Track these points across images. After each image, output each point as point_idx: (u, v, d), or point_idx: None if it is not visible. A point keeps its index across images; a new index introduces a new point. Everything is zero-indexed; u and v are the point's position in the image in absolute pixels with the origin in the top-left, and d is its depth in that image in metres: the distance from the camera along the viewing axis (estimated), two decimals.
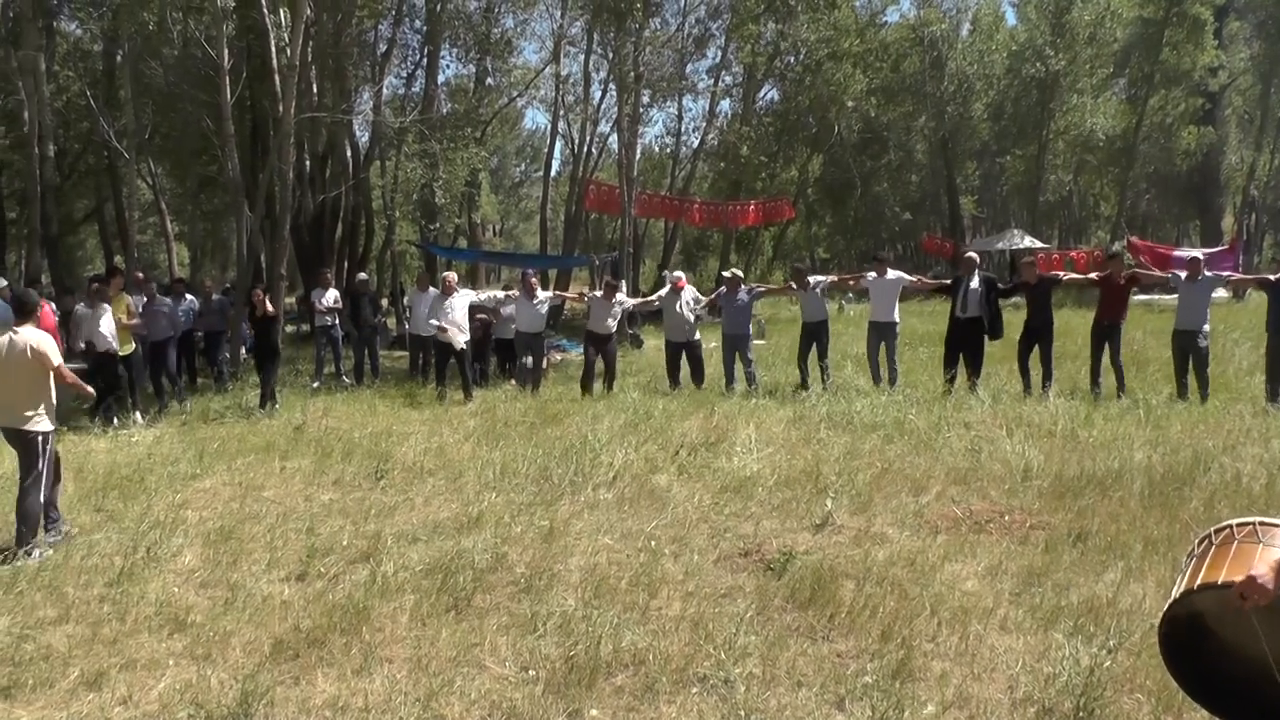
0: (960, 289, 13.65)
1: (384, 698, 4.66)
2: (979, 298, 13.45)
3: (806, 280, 14.92)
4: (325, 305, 17.29)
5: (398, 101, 31.66)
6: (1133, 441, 9.27)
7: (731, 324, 14.80)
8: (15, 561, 6.83)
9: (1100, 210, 60.18)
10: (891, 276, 14.52)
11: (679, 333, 14.69)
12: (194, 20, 22.13)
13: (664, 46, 33.87)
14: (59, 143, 26.30)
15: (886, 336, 14.29)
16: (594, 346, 15.02)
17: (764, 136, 38.78)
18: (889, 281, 14.44)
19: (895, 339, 14.40)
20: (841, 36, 36.32)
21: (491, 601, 5.88)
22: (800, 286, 14.88)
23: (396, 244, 33.35)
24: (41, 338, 7.44)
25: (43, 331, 7.60)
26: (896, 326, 14.47)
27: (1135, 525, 6.76)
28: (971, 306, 13.48)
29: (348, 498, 8.55)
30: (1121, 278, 13.22)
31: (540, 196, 45.56)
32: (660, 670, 4.82)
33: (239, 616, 5.67)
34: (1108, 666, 4.60)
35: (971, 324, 13.50)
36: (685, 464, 9.15)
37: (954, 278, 14.34)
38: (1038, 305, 13.45)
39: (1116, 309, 13.12)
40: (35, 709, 4.70)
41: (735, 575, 6.22)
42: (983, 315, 13.45)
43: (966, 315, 13.53)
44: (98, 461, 10.37)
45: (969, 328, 13.53)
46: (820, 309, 14.78)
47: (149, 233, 47.86)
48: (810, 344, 14.64)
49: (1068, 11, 40.31)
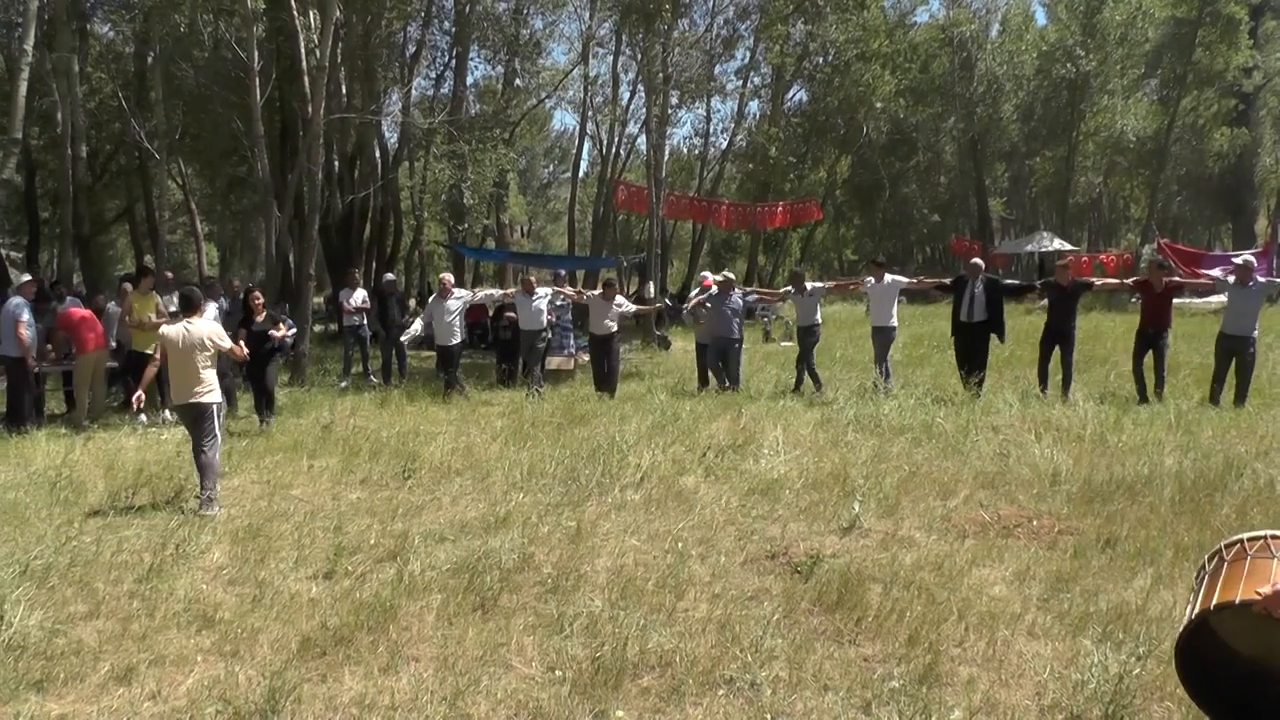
0: (964, 294, 13.66)
1: (411, 696, 4.67)
2: (983, 302, 13.44)
3: (804, 285, 14.99)
4: (353, 305, 17.36)
5: (426, 103, 31.81)
6: (1163, 446, 9.20)
7: (724, 327, 14.73)
8: (202, 511, 8.14)
9: (1130, 213, 59.82)
10: (888, 280, 14.60)
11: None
12: (224, 22, 22.29)
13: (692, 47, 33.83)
14: (91, 143, 26.50)
15: (884, 339, 14.40)
16: (595, 348, 15.08)
17: (792, 138, 38.73)
18: (886, 286, 14.53)
19: (891, 342, 14.53)
20: (870, 37, 36.24)
21: (518, 601, 5.88)
22: (798, 291, 14.94)
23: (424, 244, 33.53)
24: (213, 327, 9.15)
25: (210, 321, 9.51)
26: (894, 330, 14.62)
27: (1165, 531, 6.70)
28: (977, 311, 13.48)
29: (375, 497, 8.58)
30: (1161, 285, 13.08)
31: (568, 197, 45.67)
32: (687, 672, 4.81)
33: (267, 614, 5.69)
34: (1137, 674, 4.57)
35: (977, 328, 13.50)
36: (713, 466, 9.14)
37: (955, 278, 14.32)
38: (1065, 309, 13.38)
39: (1161, 317, 12.97)
40: (66, 702, 4.74)
41: (762, 578, 6.20)
42: (988, 319, 13.43)
43: (973, 320, 13.52)
44: (128, 459, 10.44)
45: (975, 332, 13.52)
46: (813, 314, 14.83)
47: (179, 232, 48.16)
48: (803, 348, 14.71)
49: (1099, 11, 40.06)
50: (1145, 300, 13.34)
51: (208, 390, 8.81)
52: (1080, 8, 40.93)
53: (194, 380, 8.76)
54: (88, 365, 13.16)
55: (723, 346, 14.68)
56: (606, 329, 14.87)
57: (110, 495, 8.73)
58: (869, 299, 14.84)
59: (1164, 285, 13.12)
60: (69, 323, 13.28)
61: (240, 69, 19.10)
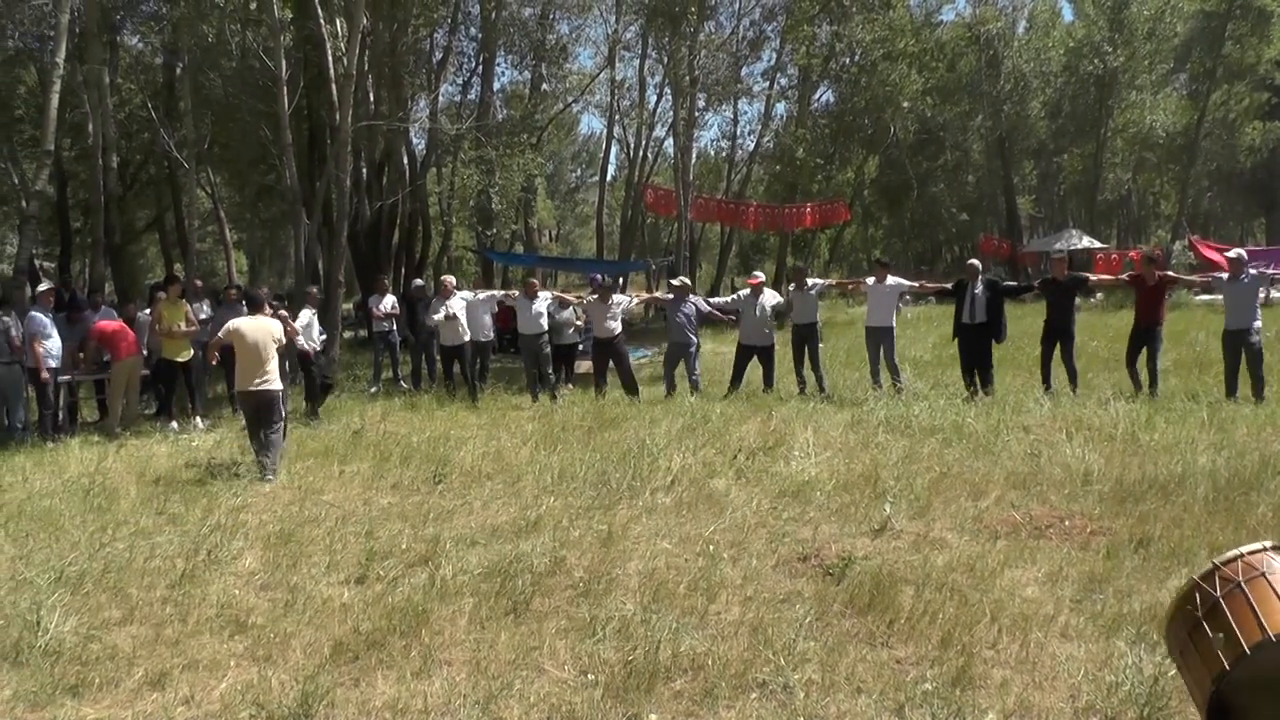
0: (965, 296, 13.66)
1: (443, 700, 4.67)
2: (984, 303, 13.40)
3: (805, 281, 14.99)
4: (383, 312, 17.45)
5: (454, 109, 31.87)
6: (1196, 445, 9.10)
7: (679, 332, 14.78)
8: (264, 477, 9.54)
9: (1160, 209, 59.40)
10: (890, 283, 14.58)
11: (757, 336, 14.66)
12: (252, 32, 22.40)
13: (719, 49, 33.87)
14: (121, 154, 26.71)
15: (883, 341, 14.36)
16: (599, 351, 15.12)
17: (819, 138, 38.56)
18: (888, 287, 14.54)
19: (893, 343, 14.48)
20: (897, 36, 36.01)
21: (550, 605, 5.87)
22: (798, 287, 14.92)
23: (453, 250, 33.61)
24: (274, 322, 10.43)
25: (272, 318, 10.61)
26: (893, 331, 14.56)
27: (1200, 531, 6.63)
28: (979, 313, 13.45)
29: (406, 501, 8.60)
30: (1154, 279, 13.10)
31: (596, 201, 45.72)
32: (719, 675, 4.80)
33: (299, 618, 5.71)
34: (1172, 676, 4.51)
35: (980, 330, 13.48)
36: (743, 468, 9.11)
37: (956, 281, 14.29)
38: (1063, 306, 13.45)
39: (1153, 312, 13.02)
40: (101, 707, 4.77)
41: (794, 580, 6.18)
42: (989, 320, 13.39)
43: (975, 322, 13.48)
44: (159, 465, 10.52)
45: (978, 333, 13.49)
46: (812, 311, 14.77)
47: (208, 241, 48.51)
48: (801, 347, 14.66)
49: (1126, 6, 39.74)
50: (1138, 296, 13.37)
51: (273, 379, 10.06)
52: (1107, 3, 40.59)
53: (260, 370, 9.98)
54: (121, 373, 13.26)
55: (679, 353, 14.79)
56: (609, 331, 14.89)
57: (141, 501, 8.79)
58: (868, 299, 14.77)
59: (1156, 279, 13.12)
60: (101, 334, 13.38)
61: (268, 78, 19.22)
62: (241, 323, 10.20)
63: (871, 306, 14.66)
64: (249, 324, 10.15)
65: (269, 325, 10.27)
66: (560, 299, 16.60)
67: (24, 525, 8.03)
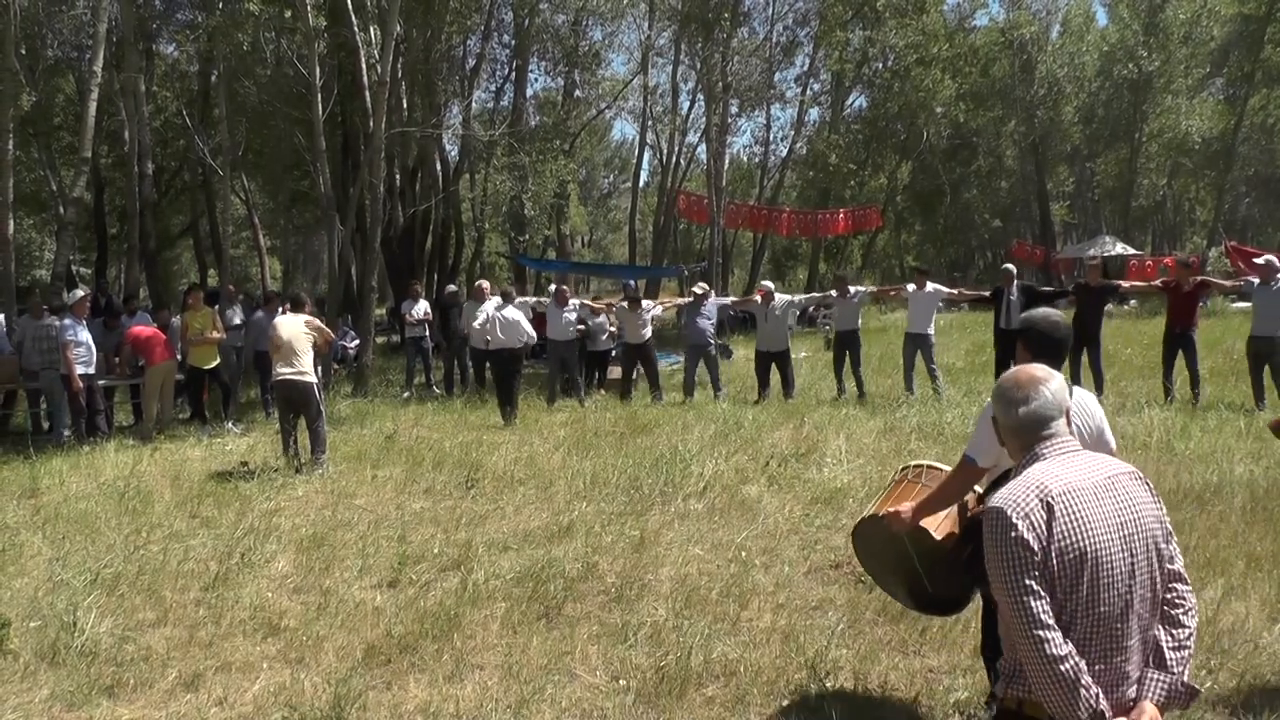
0: (1002, 301, 13.68)
1: (475, 704, 4.67)
2: (1020, 308, 13.32)
3: (847, 289, 15.00)
4: (415, 317, 17.49)
5: (487, 115, 32.01)
6: (1233, 454, 8.99)
7: (698, 335, 15.01)
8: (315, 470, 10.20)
9: (1196, 215, 58.78)
10: (930, 289, 14.62)
11: (769, 341, 14.71)
12: (286, 40, 22.56)
13: (752, 55, 33.84)
14: (157, 161, 26.94)
15: (922, 347, 14.37)
16: (629, 356, 15.39)
17: (852, 144, 38.52)
18: (927, 294, 14.55)
19: (931, 349, 14.47)
20: (930, 42, 35.93)
21: (582, 610, 5.87)
22: (841, 295, 14.96)
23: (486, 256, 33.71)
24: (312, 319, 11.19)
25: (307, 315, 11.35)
26: (932, 337, 14.54)
27: (1236, 541, 6.55)
28: (1016, 318, 13.34)
29: (439, 506, 8.61)
30: (1188, 285, 12.94)
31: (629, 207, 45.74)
32: (751, 682, 4.78)
33: (331, 622, 5.73)
34: (1209, 687, 4.45)
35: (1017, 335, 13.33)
36: (776, 475, 9.08)
37: (994, 289, 14.21)
38: (1093, 312, 13.39)
39: (1187, 317, 12.84)
40: (136, 708, 4.80)
41: (826, 587, 6.15)
42: None
43: (1011, 327, 13.39)
44: (193, 469, 10.59)
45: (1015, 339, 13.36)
46: (854, 319, 14.86)
47: (242, 247, 48.89)
48: (843, 353, 14.74)
49: (1161, 10, 39.43)
50: (1172, 300, 13.20)
51: (305, 370, 10.63)
52: (1142, 7, 40.34)
53: (292, 360, 10.60)
54: (156, 377, 13.35)
55: (697, 354, 15.05)
56: (641, 337, 15.12)
57: (176, 504, 8.84)
58: (909, 305, 14.76)
59: (1191, 285, 12.97)
60: (136, 339, 13.49)
61: (302, 85, 19.32)
62: (280, 320, 11.20)
63: (912, 313, 14.67)
64: (285, 320, 11.08)
65: (304, 320, 11.02)
66: (591, 308, 16.60)
67: (61, 527, 8.10)
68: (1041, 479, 2.69)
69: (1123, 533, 2.67)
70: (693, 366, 15.08)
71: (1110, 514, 2.67)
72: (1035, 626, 2.55)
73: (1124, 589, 2.64)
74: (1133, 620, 2.67)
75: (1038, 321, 4.17)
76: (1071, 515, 2.62)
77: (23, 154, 25.83)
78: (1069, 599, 2.61)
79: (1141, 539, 2.70)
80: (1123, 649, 2.66)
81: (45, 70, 24.50)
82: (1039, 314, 4.25)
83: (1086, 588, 2.61)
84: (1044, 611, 2.56)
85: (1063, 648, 2.55)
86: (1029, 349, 4.12)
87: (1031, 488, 2.66)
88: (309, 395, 10.67)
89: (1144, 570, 2.69)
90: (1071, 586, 2.60)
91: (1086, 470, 2.75)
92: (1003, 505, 2.65)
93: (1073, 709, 2.56)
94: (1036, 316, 4.22)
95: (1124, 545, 2.66)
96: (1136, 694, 2.69)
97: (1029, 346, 4.14)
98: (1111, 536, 2.64)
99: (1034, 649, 2.56)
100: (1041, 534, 2.59)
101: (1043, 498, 2.63)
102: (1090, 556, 2.60)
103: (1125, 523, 2.68)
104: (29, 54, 22.64)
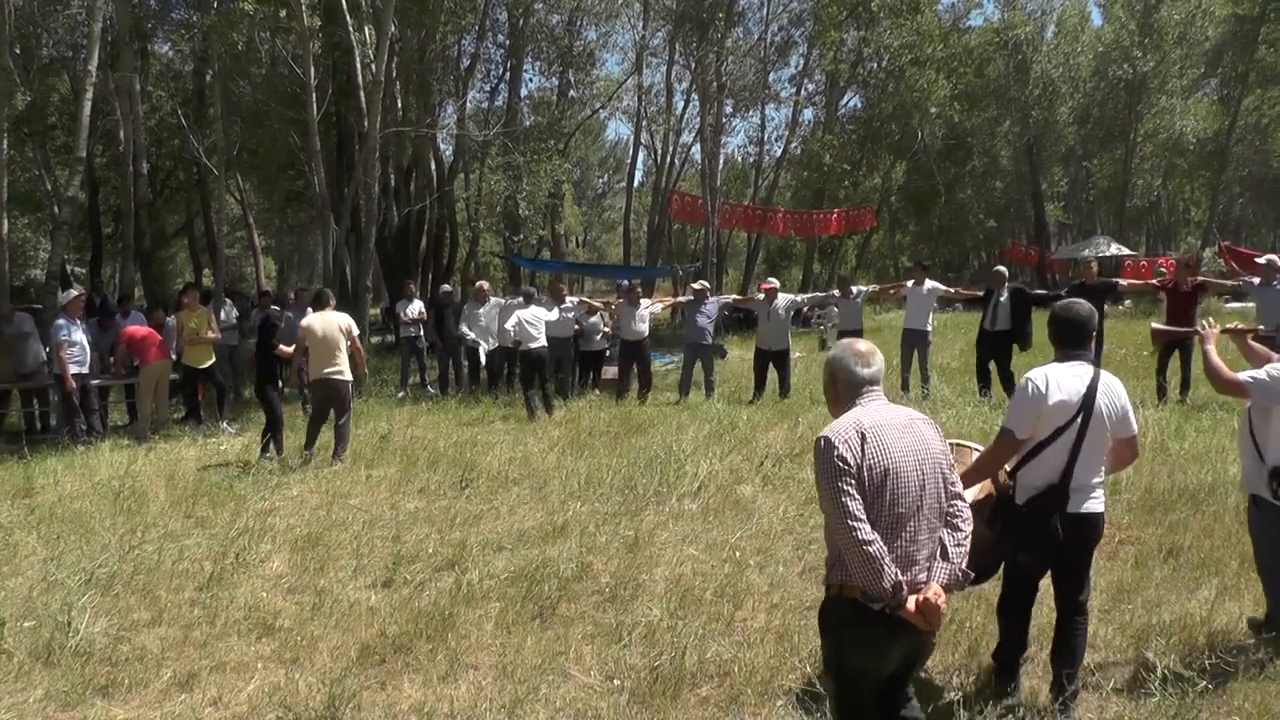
0: (990, 303, 13.67)
1: (469, 704, 4.68)
2: (1008, 311, 13.35)
3: (850, 289, 15.15)
4: (410, 317, 17.48)
5: (481, 115, 31.93)
6: (1227, 455, 8.97)
7: (696, 334, 15.04)
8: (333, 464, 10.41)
9: (1190, 215, 58.86)
10: (929, 286, 14.71)
11: (770, 340, 14.72)
12: (281, 40, 22.53)
13: (746, 55, 33.83)
14: (152, 160, 26.88)
15: (919, 344, 14.45)
16: (627, 354, 15.31)
17: (847, 144, 38.46)
18: (926, 291, 14.62)
19: (928, 347, 14.60)
20: (924, 42, 35.87)
21: (576, 610, 5.88)
22: (843, 295, 15.10)
23: (480, 256, 33.67)
24: (343, 316, 11.15)
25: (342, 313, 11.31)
26: (929, 335, 14.67)
27: (1230, 541, 6.57)
28: (1001, 320, 13.42)
29: (433, 506, 8.62)
30: (1187, 285, 12.93)
31: (623, 207, 45.69)
32: (745, 682, 4.79)
33: (326, 622, 5.73)
34: (1203, 687, 4.47)
35: (1001, 337, 13.46)
36: (770, 475, 9.09)
37: (986, 289, 14.23)
38: None
39: (1185, 318, 12.79)
40: (131, 708, 4.80)
41: (820, 588, 6.14)
42: (1013, 328, 13.33)
43: (996, 329, 13.45)
44: (188, 469, 10.58)
45: (999, 340, 13.44)
46: (857, 318, 15.02)
47: (237, 246, 48.82)
48: None
49: (1156, 10, 39.43)
50: (1170, 301, 13.16)
51: (344, 369, 10.81)
52: (1137, 7, 40.29)
53: (331, 360, 10.76)
54: (151, 376, 13.33)
55: (695, 354, 15.07)
56: (638, 334, 15.08)
57: (171, 505, 8.84)
58: (907, 303, 14.81)
59: (1190, 285, 12.96)
60: (130, 338, 13.47)
61: (297, 85, 19.32)
62: (312, 319, 11.03)
63: (910, 310, 14.75)
64: (319, 319, 10.96)
65: (338, 319, 11.00)
66: (588, 305, 16.61)
67: (55, 527, 8.10)
68: (859, 417, 3.53)
69: (916, 458, 3.51)
70: (690, 366, 15.10)
71: (907, 445, 3.52)
72: (850, 519, 3.34)
73: (915, 498, 3.48)
74: (922, 521, 3.50)
75: (1056, 312, 4.76)
76: (878, 442, 3.46)
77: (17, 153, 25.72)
78: (875, 501, 3.41)
79: (930, 464, 3.55)
80: (915, 541, 3.48)
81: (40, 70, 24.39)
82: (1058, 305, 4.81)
83: (889, 494, 3.43)
84: (857, 509, 3.36)
85: (870, 534, 3.34)
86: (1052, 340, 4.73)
87: (851, 423, 3.51)
88: (347, 393, 10.96)
89: (931, 486, 3.53)
90: (877, 493, 3.42)
91: (892, 414, 3.60)
92: (829, 434, 3.47)
93: (878, 580, 3.32)
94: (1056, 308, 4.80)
95: (917, 467, 3.50)
96: (926, 577, 3.48)
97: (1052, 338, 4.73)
98: (907, 459, 3.49)
99: (849, 535, 3.34)
100: (856, 454, 3.41)
101: (858, 429, 3.47)
102: (891, 472, 3.44)
103: (918, 451, 3.53)
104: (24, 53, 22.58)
